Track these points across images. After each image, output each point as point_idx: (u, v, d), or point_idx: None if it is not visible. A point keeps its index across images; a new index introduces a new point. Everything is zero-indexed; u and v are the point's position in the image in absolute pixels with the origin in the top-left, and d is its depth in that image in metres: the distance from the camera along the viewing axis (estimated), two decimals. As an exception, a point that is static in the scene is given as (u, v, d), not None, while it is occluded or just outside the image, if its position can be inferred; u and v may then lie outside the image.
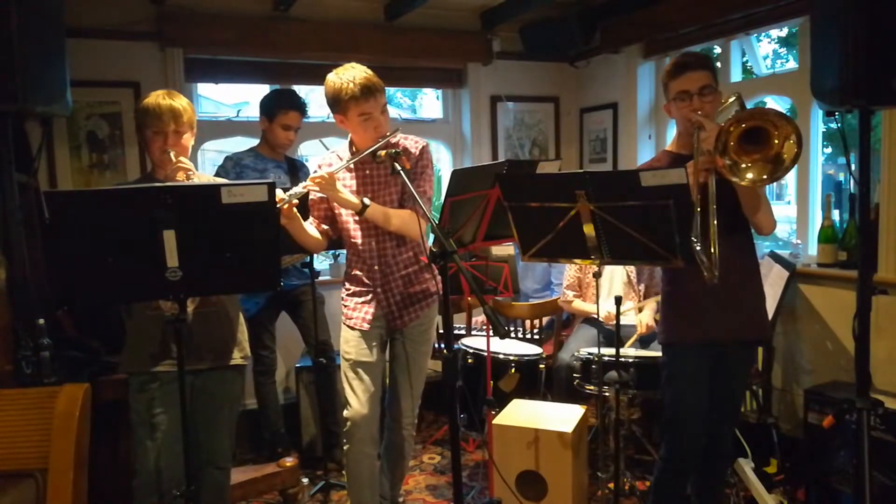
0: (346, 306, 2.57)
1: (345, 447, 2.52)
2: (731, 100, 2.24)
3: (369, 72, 2.34)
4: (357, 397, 2.47)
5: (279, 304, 3.51)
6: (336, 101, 2.34)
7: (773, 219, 2.23)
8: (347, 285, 2.58)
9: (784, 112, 1.98)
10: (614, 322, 2.54)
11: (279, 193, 2.25)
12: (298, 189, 2.31)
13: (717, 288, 2.05)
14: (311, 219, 2.54)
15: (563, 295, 3.71)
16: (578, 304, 3.65)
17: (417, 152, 2.46)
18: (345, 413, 2.50)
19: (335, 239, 2.60)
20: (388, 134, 2.37)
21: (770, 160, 1.95)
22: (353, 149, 2.46)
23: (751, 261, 2.28)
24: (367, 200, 2.37)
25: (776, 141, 1.94)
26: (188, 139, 2.23)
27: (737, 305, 2.22)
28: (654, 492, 2.42)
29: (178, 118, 2.16)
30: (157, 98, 2.17)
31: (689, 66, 2.17)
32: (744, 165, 1.97)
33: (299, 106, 3.39)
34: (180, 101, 2.19)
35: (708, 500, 2.46)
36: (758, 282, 2.32)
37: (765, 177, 1.96)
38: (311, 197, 2.51)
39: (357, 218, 2.44)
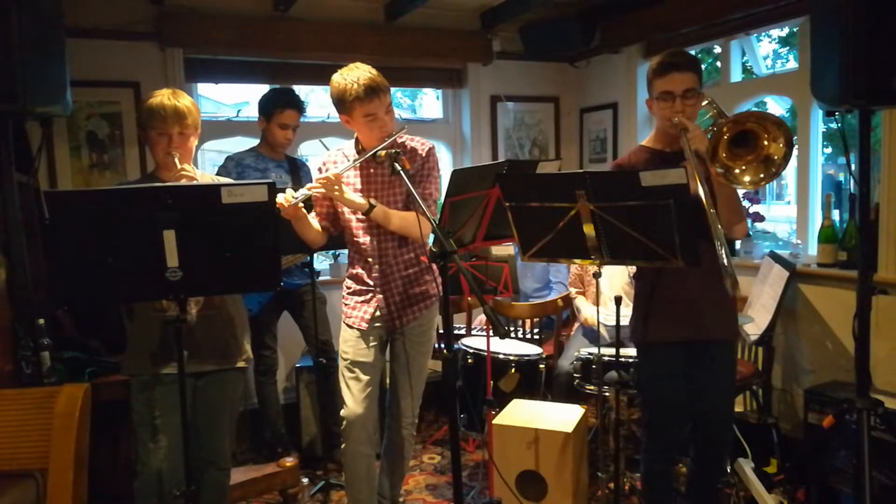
0: (345, 304, 2.57)
1: (342, 446, 2.53)
2: (704, 103, 2.26)
3: (374, 72, 2.34)
4: (353, 396, 2.48)
5: (282, 303, 3.51)
6: (341, 102, 2.34)
7: (745, 224, 2.28)
8: (348, 283, 2.58)
9: (772, 115, 1.99)
10: (605, 324, 2.54)
11: (286, 194, 2.25)
12: (304, 192, 2.30)
13: (690, 289, 2.10)
14: (312, 214, 2.55)
15: (568, 292, 3.72)
16: (581, 302, 3.65)
17: (424, 153, 2.46)
18: (341, 412, 2.50)
19: (335, 236, 2.61)
20: (394, 134, 2.37)
21: (762, 160, 1.98)
22: (359, 147, 2.47)
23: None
24: (373, 201, 2.38)
25: (765, 142, 1.96)
26: (192, 141, 2.21)
27: (708, 306, 2.24)
28: (645, 483, 2.46)
29: (182, 120, 2.14)
30: (163, 98, 2.14)
31: (675, 66, 2.17)
32: (737, 170, 2.01)
33: (296, 104, 3.39)
34: (185, 102, 2.16)
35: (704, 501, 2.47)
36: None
37: (762, 176, 1.98)
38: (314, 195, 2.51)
39: (359, 217, 2.44)
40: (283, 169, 3.43)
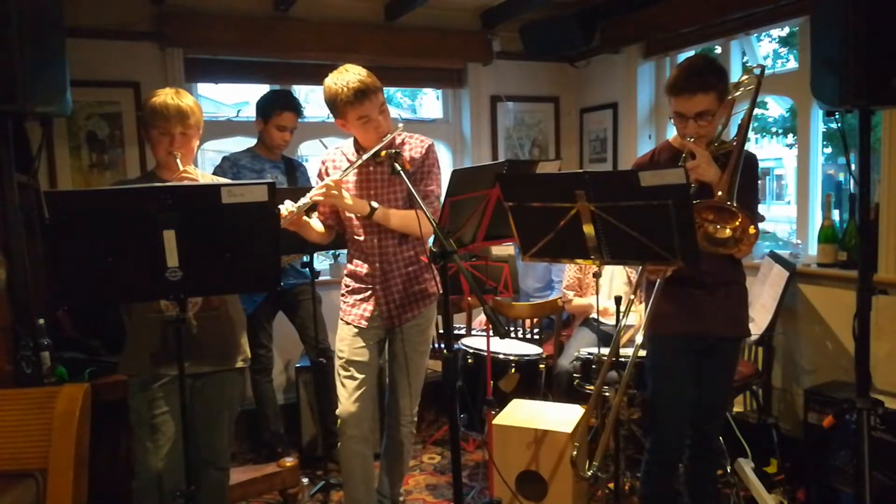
0: (344, 302, 2.57)
1: (338, 445, 2.53)
2: (746, 78, 2.23)
3: (363, 73, 2.33)
4: (347, 395, 2.47)
5: (276, 303, 3.52)
6: (334, 107, 2.35)
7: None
8: (347, 281, 2.58)
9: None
10: (612, 318, 2.54)
11: (288, 205, 2.25)
12: (305, 201, 2.30)
13: (703, 283, 2.08)
14: (315, 214, 2.55)
15: (563, 295, 3.71)
16: (577, 301, 3.65)
17: (424, 151, 2.47)
18: (336, 411, 2.51)
19: (340, 234, 2.61)
20: (391, 133, 2.37)
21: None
22: (358, 146, 2.47)
23: (735, 261, 2.30)
24: (374, 204, 2.38)
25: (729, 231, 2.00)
26: (195, 141, 2.20)
27: (720, 302, 2.25)
28: (644, 483, 2.46)
29: (185, 120, 2.13)
30: (166, 98, 2.13)
31: (686, 90, 2.10)
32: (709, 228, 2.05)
33: (294, 106, 3.39)
34: (188, 102, 2.15)
35: (699, 496, 2.48)
36: (741, 281, 2.34)
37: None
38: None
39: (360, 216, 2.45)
40: (280, 170, 3.43)
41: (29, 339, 2.19)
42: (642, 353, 3.00)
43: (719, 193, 1.99)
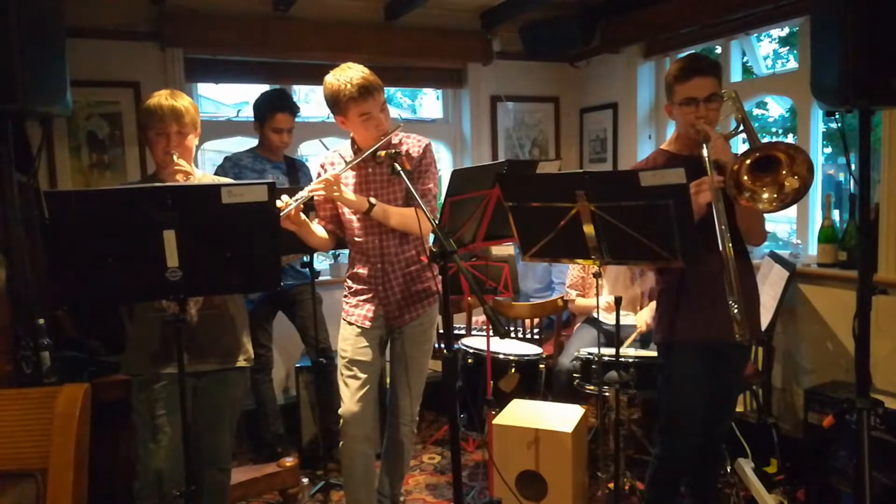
0: (347, 303, 2.57)
1: (339, 445, 2.54)
2: (725, 97, 2.24)
3: (366, 71, 2.34)
4: (350, 395, 2.48)
5: (276, 303, 3.52)
6: (335, 103, 2.34)
7: (765, 232, 2.27)
8: (349, 283, 2.58)
9: (797, 147, 1.97)
10: (614, 316, 2.54)
11: (286, 199, 2.25)
12: (304, 194, 2.30)
13: (714, 288, 2.07)
14: (316, 220, 2.55)
15: (566, 294, 3.71)
16: (581, 301, 3.66)
17: (421, 151, 2.47)
18: (339, 411, 2.51)
19: (342, 238, 2.61)
20: (390, 132, 2.37)
21: (779, 185, 1.97)
22: (355, 147, 2.47)
23: (746, 264, 2.29)
24: (373, 200, 2.38)
25: (784, 171, 1.95)
26: (192, 140, 2.21)
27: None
28: (650, 490, 2.45)
29: (180, 119, 2.15)
30: (160, 98, 2.16)
31: (698, 71, 2.14)
32: (763, 194, 1.99)
33: (287, 107, 3.37)
34: (182, 102, 2.17)
35: (702, 497, 2.47)
36: (752, 285, 2.33)
37: (775, 196, 1.98)
38: (315, 198, 2.51)
39: (360, 216, 2.45)
40: (281, 170, 3.43)
41: (29, 339, 2.19)
42: (643, 353, 3.03)
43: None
